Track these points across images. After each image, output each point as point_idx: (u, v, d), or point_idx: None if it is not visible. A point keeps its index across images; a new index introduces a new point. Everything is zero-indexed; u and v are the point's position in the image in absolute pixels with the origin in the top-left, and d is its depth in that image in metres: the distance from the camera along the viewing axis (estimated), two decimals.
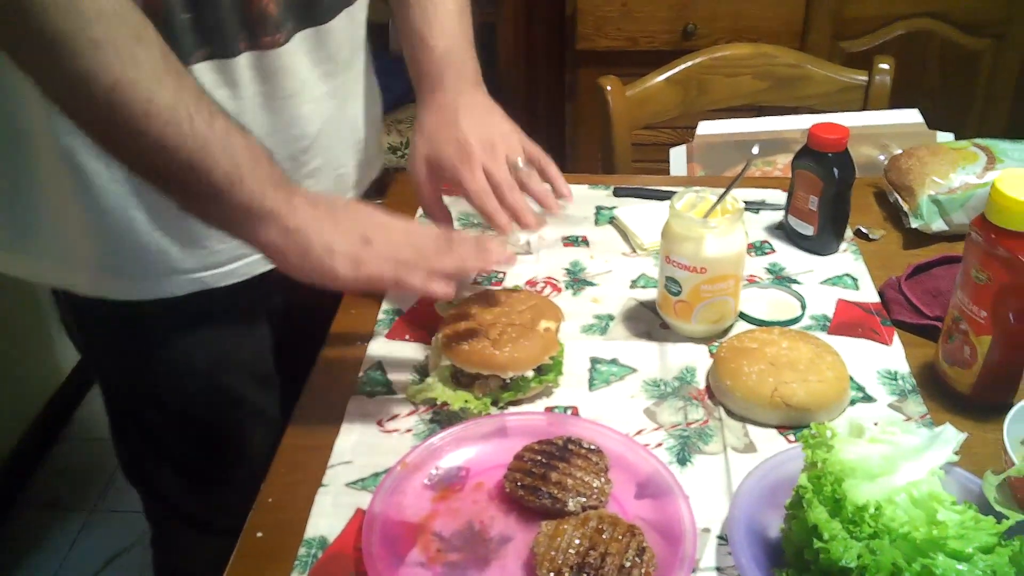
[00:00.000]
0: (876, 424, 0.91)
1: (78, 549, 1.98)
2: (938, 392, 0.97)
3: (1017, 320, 0.89)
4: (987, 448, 0.87)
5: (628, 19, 2.24)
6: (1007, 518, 0.73)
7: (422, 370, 1.02)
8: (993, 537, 0.71)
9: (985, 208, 0.88)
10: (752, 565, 0.75)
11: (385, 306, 1.12)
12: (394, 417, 0.96)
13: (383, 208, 0.91)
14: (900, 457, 0.77)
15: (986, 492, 0.78)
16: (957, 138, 1.39)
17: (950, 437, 0.79)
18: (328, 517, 0.84)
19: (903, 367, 1.00)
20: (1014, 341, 0.91)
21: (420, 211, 1.33)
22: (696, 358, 1.03)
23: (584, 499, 0.82)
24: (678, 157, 1.61)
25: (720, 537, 0.81)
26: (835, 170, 1.14)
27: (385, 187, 1.42)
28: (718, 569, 0.79)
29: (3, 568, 1.93)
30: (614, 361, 1.04)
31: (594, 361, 1.04)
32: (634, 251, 1.24)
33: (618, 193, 1.38)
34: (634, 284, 1.17)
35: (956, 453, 0.78)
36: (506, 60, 2.92)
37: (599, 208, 1.34)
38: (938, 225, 1.20)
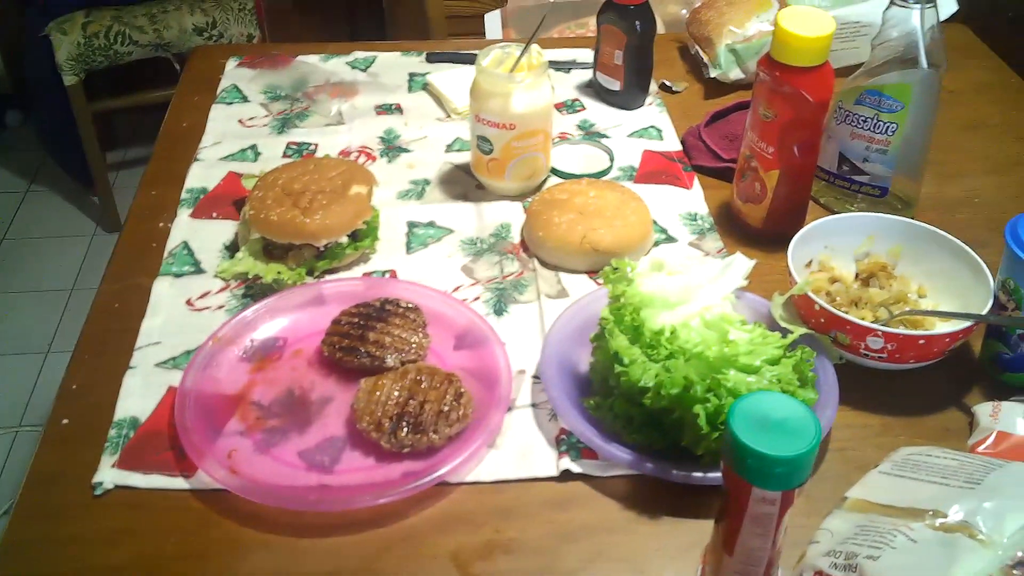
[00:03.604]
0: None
1: None
2: (734, 228, 1.02)
3: (801, 153, 0.95)
4: (777, 275, 0.94)
5: None
6: (791, 333, 0.79)
7: (233, 247, 0.99)
8: (779, 350, 0.76)
9: (770, 47, 0.92)
10: (563, 397, 0.78)
11: (189, 184, 1.07)
12: (205, 295, 0.93)
13: None
14: (695, 287, 0.82)
15: (773, 311, 0.84)
16: None
17: (741, 264, 0.84)
18: (138, 398, 0.81)
19: (702, 208, 1.06)
20: (799, 174, 0.97)
21: (221, 85, 1.27)
22: (511, 215, 1.05)
23: (403, 355, 0.83)
24: (493, 22, 1.60)
25: (535, 376, 0.85)
26: (637, 23, 1.15)
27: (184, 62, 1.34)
28: (533, 405, 0.82)
29: None
30: (431, 224, 1.04)
31: (411, 225, 1.03)
32: (449, 116, 1.23)
33: (431, 59, 1.35)
34: (449, 148, 1.16)
35: (746, 279, 0.84)
36: None
37: (412, 75, 1.31)
38: (735, 74, 1.25)
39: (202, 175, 1.09)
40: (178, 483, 0.75)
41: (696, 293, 0.81)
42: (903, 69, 0.96)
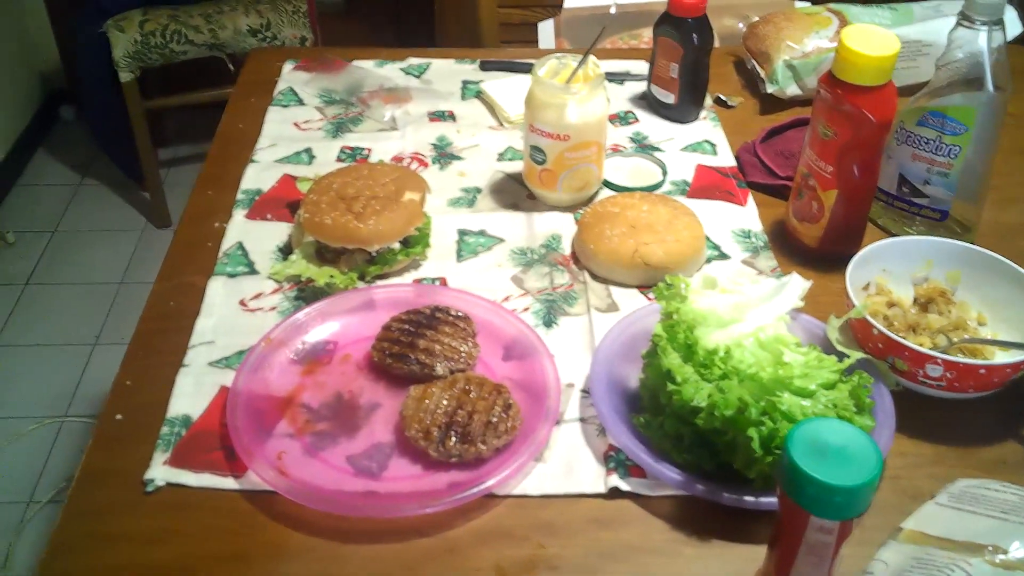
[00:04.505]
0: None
1: None
2: (788, 247, 1.01)
3: (861, 173, 0.93)
4: (832, 297, 0.92)
5: None
6: (848, 357, 0.78)
7: (286, 248, 1.00)
8: (835, 375, 0.75)
9: (832, 65, 0.90)
10: (612, 413, 0.78)
11: (244, 185, 1.08)
12: (257, 296, 0.94)
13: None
14: (749, 305, 0.80)
15: (829, 334, 0.83)
16: (813, 4, 1.42)
17: (796, 285, 0.83)
18: (191, 396, 0.82)
19: (756, 226, 1.04)
20: (857, 194, 0.95)
21: (277, 88, 1.28)
22: (562, 226, 1.04)
23: (452, 363, 0.83)
24: (546, 32, 1.59)
25: (583, 391, 0.84)
26: (694, 36, 1.15)
27: (240, 66, 1.36)
28: (581, 420, 0.81)
29: None
30: (482, 232, 1.04)
31: (462, 233, 1.03)
32: (501, 124, 1.23)
33: (484, 67, 1.35)
34: (501, 157, 1.16)
35: (802, 300, 0.82)
36: None
37: (465, 82, 1.32)
38: (792, 90, 1.23)
39: (257, 177, 1.10)
40: (228, 483, 0.75)
41: (750, 312, 0.80)
42: (967, 91, 0.94)
